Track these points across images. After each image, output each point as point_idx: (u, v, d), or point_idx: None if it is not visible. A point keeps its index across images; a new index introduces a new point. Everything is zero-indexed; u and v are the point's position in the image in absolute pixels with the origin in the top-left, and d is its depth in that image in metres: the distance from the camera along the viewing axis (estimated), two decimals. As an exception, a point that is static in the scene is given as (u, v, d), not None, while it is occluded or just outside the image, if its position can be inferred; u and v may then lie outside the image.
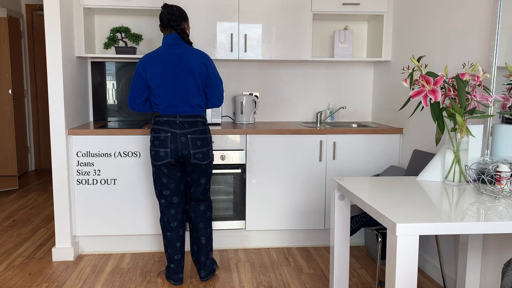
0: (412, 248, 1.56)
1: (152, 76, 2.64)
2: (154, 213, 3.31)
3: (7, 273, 2.99)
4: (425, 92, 2.04)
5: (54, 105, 3.10)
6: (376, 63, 3.96)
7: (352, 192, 1.98)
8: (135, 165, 3.24)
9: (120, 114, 3.83)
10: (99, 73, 3.77)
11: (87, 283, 2.86)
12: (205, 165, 2.76)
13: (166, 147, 2.68)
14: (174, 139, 2.67)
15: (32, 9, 6.00)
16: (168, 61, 2.63)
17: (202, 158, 2.73)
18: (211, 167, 2.83)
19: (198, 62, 2.65)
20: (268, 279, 2.96)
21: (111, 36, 3.56)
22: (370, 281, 2.94)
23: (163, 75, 2.63)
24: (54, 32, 3.05)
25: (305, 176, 3.42)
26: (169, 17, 2.68)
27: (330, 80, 3.99)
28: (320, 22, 3.92)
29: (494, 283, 2.42)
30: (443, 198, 1.90)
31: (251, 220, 3.41)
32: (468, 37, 2.62)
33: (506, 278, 1.47)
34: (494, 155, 2.24)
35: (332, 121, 3.97)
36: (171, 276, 2.85)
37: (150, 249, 3.40)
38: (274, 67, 3.93)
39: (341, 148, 3.42)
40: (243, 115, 3.74)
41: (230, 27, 3.50)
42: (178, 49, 2.66)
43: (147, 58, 2.67)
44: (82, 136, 3.18)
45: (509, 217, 1.63)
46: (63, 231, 3.21)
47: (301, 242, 3.54)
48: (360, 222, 2.69)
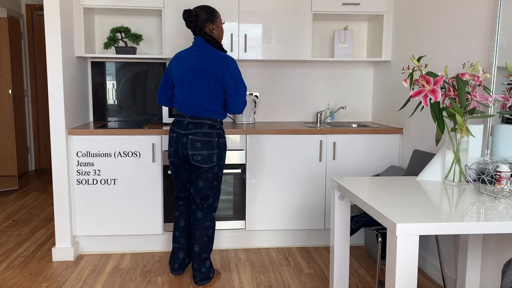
0: (412, 248, 1.56)
1: (174, 75, 2.76)
2: (154, 213, 3.31)
3: (7, 273, 2.99)
4: (425, 92, 2.04)
5: (54, 105, 3.10)
6: (376, 63, 3.96)
7: (352, 192, 1.98)
8: (135, 165, 3.24)
9: (120, 114, 3.84)
10: (99, 73, 3.78)
11: (87, 283, 2.86)
12: (205, 169, 2.72)
13: (171, 147, 2.77)
14: (178, 140, 2.73)
15: (32, 9, 6.00)
16: (189, 63, 2.70)
17: (201, 161, 2.70)
18: (213, 173, 2.74)
19: (215, 68, 2.65)
20: (268, 279, 2.96)
21: (111, 36, 3.56)
22: (370, 281, 2.94)
23: (182, 76, 2.71)
24: (54, 32, 3.05)
25: (305, 176, 3.42)
26: (187, 24, 2.73)
27: (330, 80, 3.99)
28: (320, 22, 3.92)
29: (494, 283, 2.42)
30: (443, 198, 1.90)
31: (251, 220, 3.41)
32: (468, 37, 2.62)
33: (506, 278, 1.47)
34: (494, 155, 2.24)
35: (332, 121, 3.97)
36: (170, 260, 2.97)
37: (150, 249, 3.40)
38: (274, 67, 3.93)
39: (341, 148, 3.42)
40: (243, 115, 3.74)
41: (230, 27, 3.50)
42: (201, 52, 2.70)
43: (175, 57, 2.80)
44: (82, 136, 3.18)
45: (509, 217, 1.63)
46: (63, 231, 3.21)
47: (301, 242, 3.54)
48: (360, 222, 2.69)
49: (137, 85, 3.82)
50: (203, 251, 2.82)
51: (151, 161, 3.25)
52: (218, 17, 2.78)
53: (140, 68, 3.81)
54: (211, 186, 2.77)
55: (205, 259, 2.84)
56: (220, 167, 2.78)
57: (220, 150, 2.75)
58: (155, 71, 3.81)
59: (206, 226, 2.81)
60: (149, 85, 3.83)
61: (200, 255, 2.81)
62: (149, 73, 3.81)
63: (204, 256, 2.83)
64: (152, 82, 3.82)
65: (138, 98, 3.83)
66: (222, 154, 2.77)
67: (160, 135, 3.23)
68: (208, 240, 2.83)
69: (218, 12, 2.79)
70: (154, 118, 3.86)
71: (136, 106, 3.84)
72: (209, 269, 2.86)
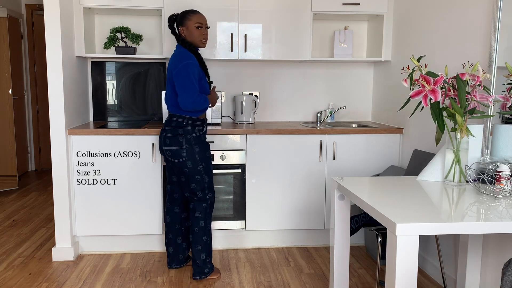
0: (412, 248, 1.56)
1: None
2: (154, 213, 3.31)
3: (7, 273, 2.99)
4: (425, 92, 2.04)
5: (54, 105, 3.10)
6: (376, 63, 3.96)
7: (352, 192, 1.98)
8: (135, 165, 3.24)
9: (120, 114, 3.84)
10: (99, 73, 3.78)
11: (87, 283, 2.86)
12: (177, 163, 2.82)
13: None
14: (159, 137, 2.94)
15: (32, 9, 6.00)
16: (168, 64, 2.91)
17: (172, 156, 2.83)
18: (189, 168, 2.82)
19: (171, 66, 2.82)
20: (268, 279, 2.96)
21: (111, 36, 3.56)
22: (370, 281, 2.94)
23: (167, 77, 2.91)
24: (54, 32, 3.05)
25: (305, 176, 3.42)
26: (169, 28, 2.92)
27: (330, 80, 3.99)
28: (320, 22, 3.92)
29: (494, 283, 2.42)
30: (443, 198, 1.90)
31: (251, 220, 3.41)
32: (468, 37, 2.62)
33: (506, 278, 1.47)
34: (494, 155, 2.24)
35: (332, 121, 3.97)
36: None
37: (150, 249, 3.40)
38: (274, 67, 3.93)
39: (341, 148, 3.42)
40: (243, 115, 3.74)
41: (230, 27, 3.50)
42: (174, 53, 2.87)
43: None
44: (82, 136, 3.18)
45: (509, 217, 1.63)
46: (63, 231, 3.21)
47: (301, 242, 3.54)
48: (360, 222, 2.69)
49: (137, 85, 3.82)
50: (197, 242, 2.88)
51: (151, 161, 3.25)
52: (190, 20, 2.80)
53: (140, 68, 3.81)
54: (193, 180, 2.84)
55: (199, 251, 2.89)
56: (195, 162, 2.82)
57: (191, 145, 2.82)
58: (155, 71, 3.81)
59: (197, 217, 2.88)
60: (149, 85, 3.83)
61: (194, 246, 2.90)
62: (149, 73, 3.81)
63: (197, 248, 2.89)
64: (152, 82, 3.82)
65: (138, 98, 3.83)
66: (194, 149, 2.82)
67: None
68: (200, 231, 2.88)
69: (192, 15, 2.80)
70: (154, 118, 3.86)
71: (136, 106, 3.84)
72: (204, 263, 2.90)
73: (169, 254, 3.07)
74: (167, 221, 3.05)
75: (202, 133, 2.88)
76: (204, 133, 2.91)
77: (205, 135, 2.92)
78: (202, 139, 2.88)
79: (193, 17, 2.80)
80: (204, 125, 2.91)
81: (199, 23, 2.80)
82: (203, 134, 2.90)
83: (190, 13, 2.81)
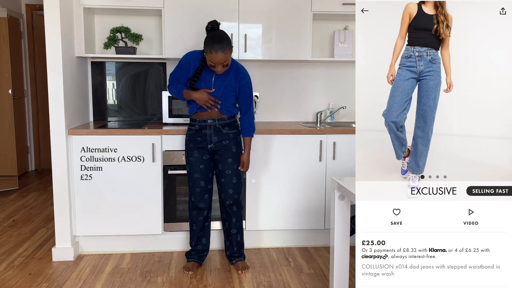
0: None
1: None
2: (154, 213, 3.31)
3: (7, 273, 2.99)
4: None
5: (54, 105, 3.10)
6: (376, 63, 3.95)
7: (352, 192, 1.98)
8: (135, 165, 3.24)
9: (120, 114, 3.84)
10: (99, 73, 3.78)
11: (87, 283, 2.86)
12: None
13: None
14: None
15: (32, 9, 6.00)
16: None
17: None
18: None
19: None
20: (268, 279, 2.96)
21: (111, 36, 3.56)
22: (370, 281, 2.94)
23: None
24: (54, 32, 3.05)
25: (305, 176, 3.41)
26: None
27: (330, 80, 3.99)
28: (320, 22, 3.92)
29: (494, 283, 2.42)
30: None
31: (251, 220, 3.41)
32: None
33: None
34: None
35: (332, 121, 3.97)
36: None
37: (150, 249, 3.40)
38: (274, 67, 3.93)
39: (341, 148, 3.42)
40: (243, 115, 3.73)
41: (230, 27, 3.49)
42: None
43: None
44: (82, 136, 3.18)
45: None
46: (63, 231, 3.20)
47: (301, 242, 3.54)
48: (360, 222, 2.68)
49: (137, 85, 3.82)
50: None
51: (151, 161, 3.25)
52: (206, 55, 2.72)
53: (140, 68, 3.81)
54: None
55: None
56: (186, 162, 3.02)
57: (187, 146, 3.00)
58: (155, 71, 3.81)
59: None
60: (149, 85, 3.83)
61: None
62: (149, 73, 3.81)
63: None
64: (152, 82, 3.82)
65: (138, 98, 3.83)
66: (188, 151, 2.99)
67: (160, 135, 3.23)
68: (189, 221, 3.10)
69: (208, 53, 2.69)
70: (154, 118, 3.86)
71: (136, 106, 3.84)
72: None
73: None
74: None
75: (192, 133, 2.93)
76: (194, 134, 2.92)
77: (196, 136, 2.92)
78: (192, 139, 2.93)
79: (208, 55, 2.70)
80: (196, 124, 2.91)
81: (211, 62, 2.71)
82: (193, 134, 2.93)
83: (208, 49, 2.69)
